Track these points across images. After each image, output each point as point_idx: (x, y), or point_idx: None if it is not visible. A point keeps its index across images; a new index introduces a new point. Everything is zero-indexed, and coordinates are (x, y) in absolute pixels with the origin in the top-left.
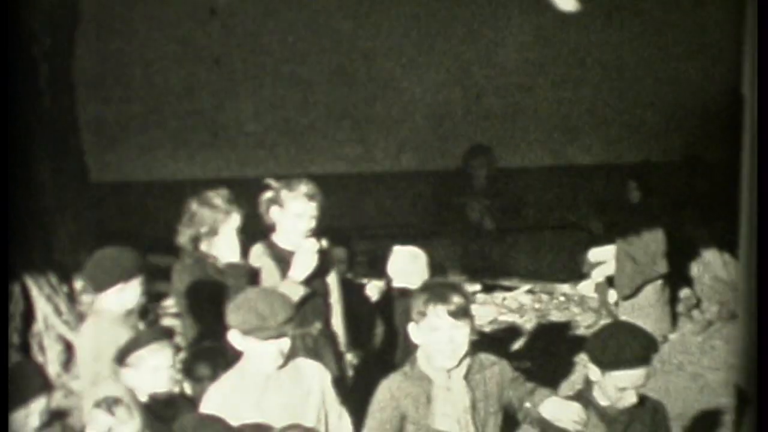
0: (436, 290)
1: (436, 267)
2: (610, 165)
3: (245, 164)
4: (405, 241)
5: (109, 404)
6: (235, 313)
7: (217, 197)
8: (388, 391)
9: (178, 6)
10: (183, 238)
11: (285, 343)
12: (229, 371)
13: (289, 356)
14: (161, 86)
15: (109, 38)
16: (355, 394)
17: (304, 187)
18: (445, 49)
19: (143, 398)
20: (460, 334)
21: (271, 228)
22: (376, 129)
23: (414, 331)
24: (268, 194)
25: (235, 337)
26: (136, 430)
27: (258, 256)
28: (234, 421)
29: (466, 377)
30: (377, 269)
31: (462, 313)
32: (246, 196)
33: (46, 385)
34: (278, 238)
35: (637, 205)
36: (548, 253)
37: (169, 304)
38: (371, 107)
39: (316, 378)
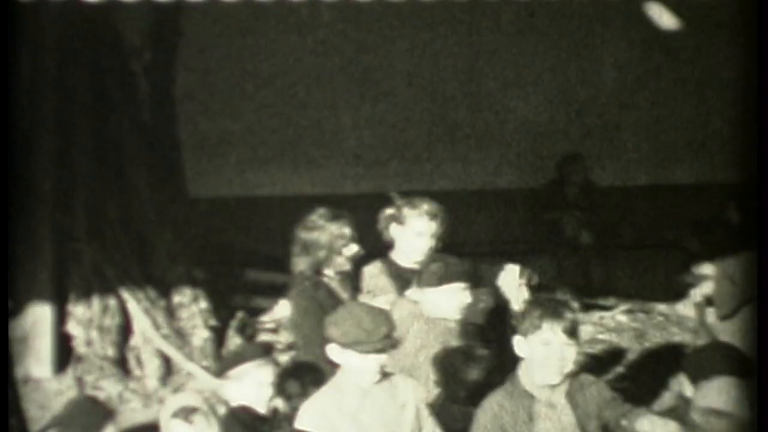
0: (550, 306)
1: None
2: (709, 184)
3: (345, 181)
4: (501, 258)
5: (187, 413)
6: (337, 326)
7: (320, 218)
8: (490, 410)
9: (279, 22)
10: (303, 265)
11: (384, 359)
12: (324, 386)
13: (387, 372)
14: (261, 102)
15: (210, 54)
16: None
17: (426, 206)
18: (545, 66)
19: (238, 411)
20: (570, 352)
21: (389, 245)
22: (475, 146)
23: (521, 345)
24: (389, 211)
25: (334, 351)
26: None
27: (374, 275)
28: None
29: (568, 395)
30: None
31: (574, 330)
32: (344, 212)
33: (107, 415)
34: (397, 256)
35: (735, 226)
36: (646, 272)
37: (267, 319)
38: (471, 125)
39: (410, 394)
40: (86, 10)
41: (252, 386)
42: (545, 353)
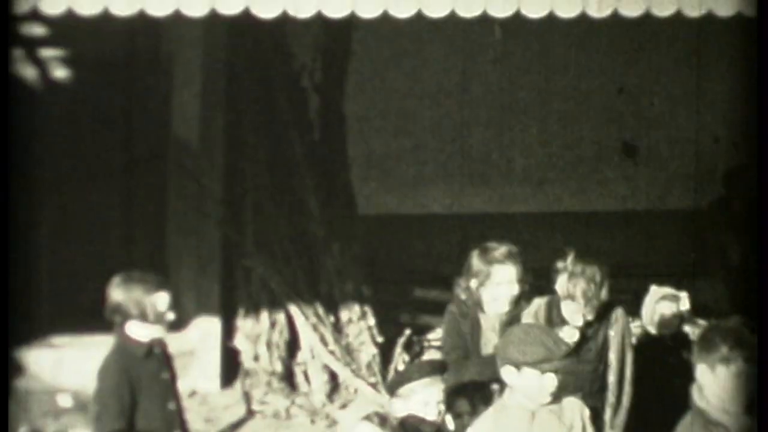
0: (734, 335)
1: (699, 309)
2: None
3: (513, 200)
4: (664, 280)
5: (381, 419)
6: (516, 346)
7: (498, 251)
8: None
9: (449, 40)
10: (461, 293)
11: (557, 379)
12: (490, 408)
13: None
14: (431, 120)
15: (380, 71)
16: None
17: (589, 271)
18: (712, 85)
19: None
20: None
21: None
22: (644, 166)
23: (706, 375)
24: (560, 264)
25: (510, 372)
26: None
27: (534, 310)
28: None
29: None
30: (636, 309)
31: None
32: (514, 232)
33: None
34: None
35: None
36: None
37: (434, 337)
38: (639, 144)
39: (577, 415)
40: (258, 27)
41: (418, 404)
42: (734, 384)
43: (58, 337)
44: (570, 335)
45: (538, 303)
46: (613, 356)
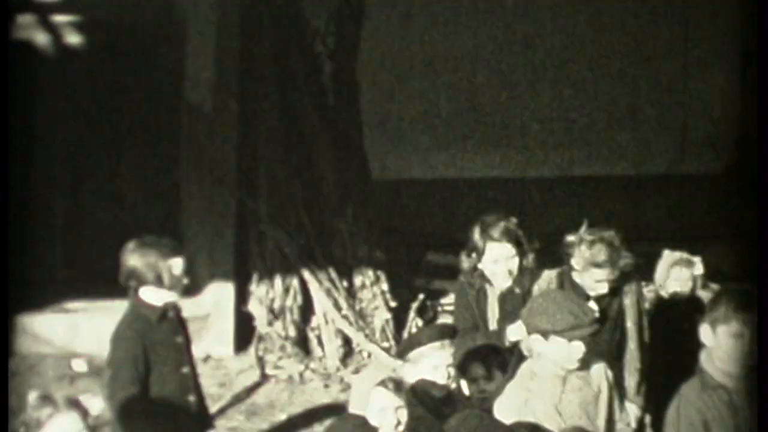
0: (743, 298)
1: (713, 273)
2: None
3: (527, 165)
4: (679, 245)
5: (397, 384)
6: (544, 314)
7: (494, 228)
8: (692, 405)
9: (462, 6)
10: (464, 265)
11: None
12: (519, 376)
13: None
14: (444, 85)
15: (392, 38)
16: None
17: (607, 235)
18: (727, 49)
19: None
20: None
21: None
22: (659, 131)
23: (707, 334)
24: (570, 238)
25: (536, 341)
26: (407, 419)
27: (548, 281)
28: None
29: None
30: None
31: None
32: (527, 196)
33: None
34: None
35: None
36: None
37: (447, 301)
38: (653, 108)
39: (603, 378)
40: None
41: (427, 369)
42: (734, 345)
43: (72, 302)
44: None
45: (549, 275)
46: (630, 324)
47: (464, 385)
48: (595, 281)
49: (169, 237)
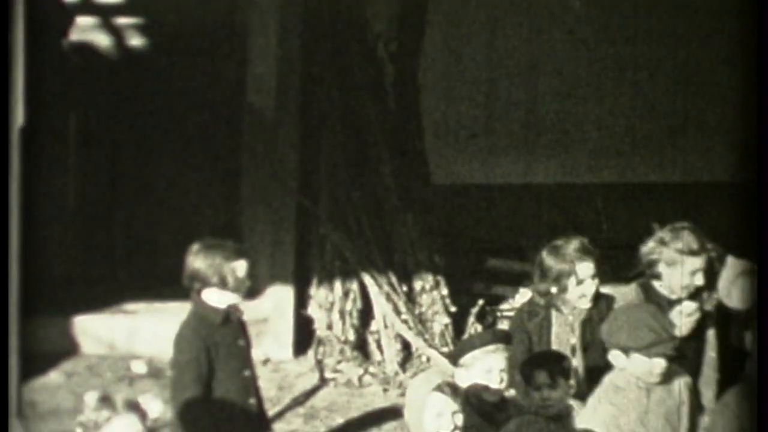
0: None
1: None
2: None
3: (588, 170)
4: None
5: (453, 389)
6: (625, 331)
7: (573, 246)
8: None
9: (527, 11)
10: (537, 291)
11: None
12: (602, 387)
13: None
14: (505, 90)
15: (455, 42)
16: None
17: (687, 225)
18: None
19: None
20: None
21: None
22: (720, 138)
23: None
24: (651, 245)
25: (617, 357)
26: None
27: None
28: None
29: None
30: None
31: None
32: (587, 201)
33: None
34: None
35: None
36: None
37: (507, 307)
38: (714, 116)
39: (684, 390)
40: None
41: (481, 373)
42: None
43: (132, 303)
44: (689, 310)
45: (625, 292)
46: (711, 332)
47: (517, 391)
48: (690, 273)
49: (231, 240)
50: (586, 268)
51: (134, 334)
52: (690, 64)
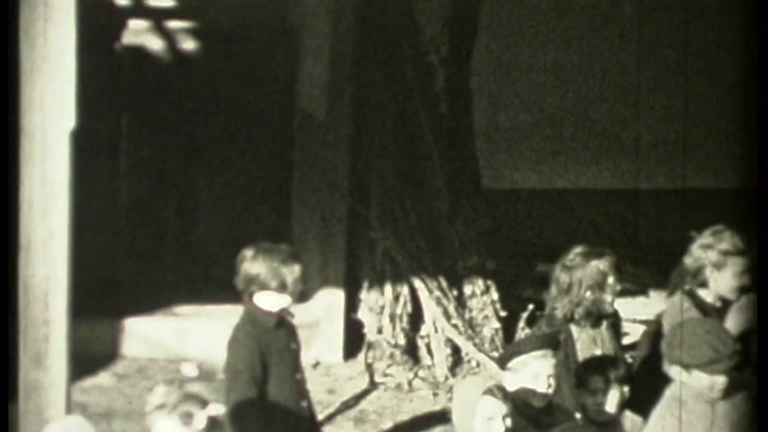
0: None
1: None
2: None
3: (638, 176)
4: None
5: (504, 393)
6: (682, 348)
7: (607, 258)
8: None
9: (580, 14)
10: (559, 310)
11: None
12: (666, 402)
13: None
14: (557, 94)
15: (506, 46)
16: None
17: (730, 239)
18: None
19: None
20: None
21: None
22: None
23: None
24: (696, 252)
25: (677, 373)
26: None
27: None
28: None
29: None
30: None
31: None
32: (638, 207)
33: None
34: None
35: None
36: None
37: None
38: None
39: (749, 400)
40: (385, 1)
41: (528, 377)
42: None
43: (182, 306)
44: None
45: (675, 303)
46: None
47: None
48: (738, 274)
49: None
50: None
51: (184, 337)
52: (745, 69)
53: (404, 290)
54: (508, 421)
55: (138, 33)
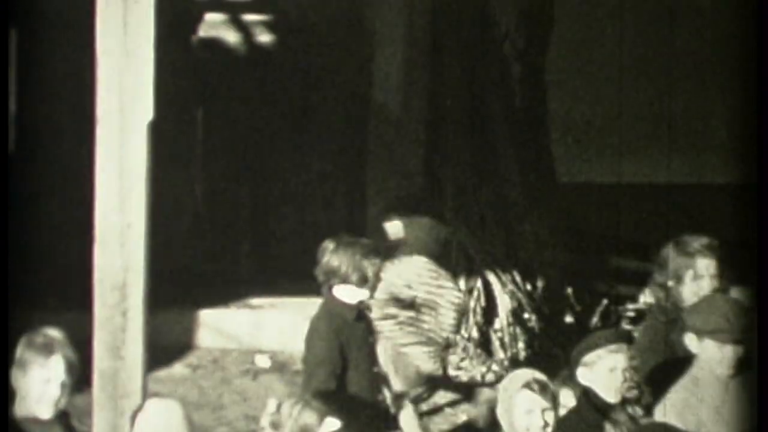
0: None
1: None
2: None
3: (715, 171)
4: None
5: (542, 386)
6: (696, 314)
7: (699, 242)
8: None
9: (653, 9)
10: (653, 285)
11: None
12: (682, 379)
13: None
14: (632, 88)
15: (583, 38)
16: None
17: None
18: None
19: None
20: None
21: None
22: None
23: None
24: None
25: (691, 341)
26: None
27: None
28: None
29: None
30: None
31: None
32: (717, 203)
33: None
34: None
35: None
36: None
37: (632, 307)
38: None
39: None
40: None
41: (603, 372)
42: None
43: (256, 298)
44: None
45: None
46: None
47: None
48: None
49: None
50: (708, 264)
51: (258, 329)
52: None
53: (478, 284)
54: (548, 415)
55: (214, 26)
